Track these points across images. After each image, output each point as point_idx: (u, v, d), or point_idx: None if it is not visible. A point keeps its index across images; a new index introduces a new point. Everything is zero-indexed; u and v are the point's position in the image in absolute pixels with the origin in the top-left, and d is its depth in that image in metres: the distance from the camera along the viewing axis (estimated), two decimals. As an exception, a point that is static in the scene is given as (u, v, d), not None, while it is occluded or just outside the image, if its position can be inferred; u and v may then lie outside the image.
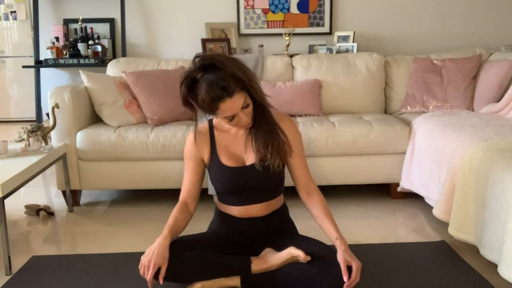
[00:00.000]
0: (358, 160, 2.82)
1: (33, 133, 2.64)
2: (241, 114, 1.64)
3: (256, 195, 1.79)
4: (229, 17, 4.26)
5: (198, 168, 1.83)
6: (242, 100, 1.61)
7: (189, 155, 1.83)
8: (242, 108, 1.63)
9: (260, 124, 1.74)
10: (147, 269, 1.58)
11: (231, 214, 1.82)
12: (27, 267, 2.10)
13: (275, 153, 1.71)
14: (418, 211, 2.74)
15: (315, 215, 1.78)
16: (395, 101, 3.35)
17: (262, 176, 1.73)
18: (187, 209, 1.79)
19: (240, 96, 1.60)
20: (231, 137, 1.80)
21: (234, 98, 1.58)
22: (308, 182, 1.83)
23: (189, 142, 1.83)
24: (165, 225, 1.69)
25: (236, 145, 1.79)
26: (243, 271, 1.69)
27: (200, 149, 1.81)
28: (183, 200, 1.81)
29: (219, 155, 1.78)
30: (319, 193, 1.82)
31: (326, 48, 3.99)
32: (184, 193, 1.82)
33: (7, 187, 2.00)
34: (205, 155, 1.81)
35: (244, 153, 1.78)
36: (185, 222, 1.76)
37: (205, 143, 1.81)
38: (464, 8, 4.25)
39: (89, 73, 2.99)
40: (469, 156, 2.08)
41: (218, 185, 1.81)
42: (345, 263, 1.57)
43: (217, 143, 1.80)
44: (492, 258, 1.85)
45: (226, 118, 1.65)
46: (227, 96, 1.57)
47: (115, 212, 2.82)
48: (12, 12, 4.59)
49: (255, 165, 1.72)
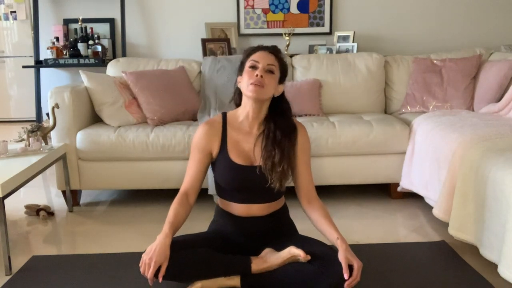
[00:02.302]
0: (358, 160, 2.82)
1: (33, 133, 2.63)
2: (261, 68, 1.71)
3: (259, 195, 1.79)
4: (229, 17, 4.26)
5: (205, 160, 1.80)
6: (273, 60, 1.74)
7: (198, 146, 1.80)
8: (267, 65, 1.72)
9: (275, 122, 1.78)
10: (147, 267, 1.58)
11: (231, 212, 1.82)
12: (27, 267, 2.10)
13: (277, 178, 1.72)
14: (418, 211, 2.74)
15: (315, 219, 1.78)
16: (395, 101, 3.35)
17: (266, 181, 1.73)
18: (187, 201, 1.77)
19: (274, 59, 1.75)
20: (242, 134, 1.79)
21: (270, 55, 1.75)
22: (311, 190, 1.84)
23: (200, 133, 1.81)
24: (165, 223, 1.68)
25: (246, 143, 1.78)
26: (243, 271, 1.69)
27: (210, 141, 1.79)
28: (184, 191, 1.79)
29: (228, 150, 1.77)
30: (319, 201, 1.83)
31: (326, 48, 3.99)
32: (187, 184, 1.80)
33: (7, 187, 2.00)
34: (214, 148, 1.79)
35: (253, 153, 1.77)
36: (185, 215, 1.74)
37: (216, 136, 1.79)
38: (464, 8, 4.25)
39: (89, 73, 2.99)
40: (469, 156, 2.08)
41: (223, 181, 1.80)
42: (346, 261, 1.57)
43: (228, 138, 1.79)
44: (492, 258, 1.85)
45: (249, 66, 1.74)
46: (268, 50, 1.76)
47: (115, 212, 2.81)
48: (12, 12, 4.59)
49: (261, 169, 1.73)
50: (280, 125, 1.78)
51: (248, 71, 1.73)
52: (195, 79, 3.33)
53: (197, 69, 3.35)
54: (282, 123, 1.79)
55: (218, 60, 3.37)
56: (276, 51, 1.78)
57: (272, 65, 1.73)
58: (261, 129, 1.80)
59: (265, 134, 1.77)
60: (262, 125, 1.80)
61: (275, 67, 1.74)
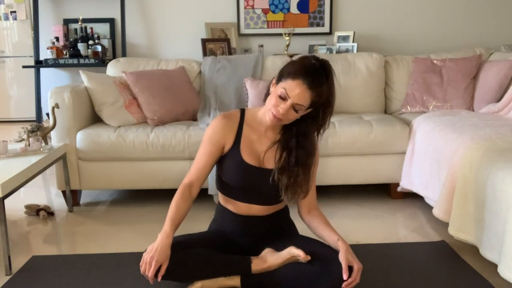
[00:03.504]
0: (358, 160, 2.82)
1: (33, 133, 2.63)
2: (287, 105, 1.60)
3: (262, 197, 1.77)
4: (229, 17, 4.26)
5: (216, 153, 1.75)
6: (305, 101, 1.59)
7: (211, 138, 1.74)
8: (296, 104, 1.59)
9: (298, 140, 1.70)
10: (148, 266, 1.57)
11: (231, 210, 1.81)
12: (27, 267, 2.10)
13: (292, 195, 1.69)
14: (418, 211, 2.74)
15: (315, 226, 1.78)
16: (395, 101, 3.35)
17: (274, 187, 1.70)
18: (190, 194, 1.73)
19: (308, 98, 1.59)
20: (257, 135, 1.75)
21: (306, 92, 1.58)
22: (312, 202, 1.83)
23: (217, 125, 1.74)
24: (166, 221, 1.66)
25: (260, 144, 1.75)
26: (243, 271, 1.69)
27: (225, 135, 1.73)
28: (189, 182, 1.74)
29: (241, 148, 1.73)
30: (319, 210, 1.83)
31: (326, 48, 3.99)
32: (192, 175, 1.75)
33: (7, 187, 2.00)
34: (228, 143, 1.74)
35: (263, 155, 1.73)
36: (187, 209, 1.71)
37: (232, 131, 1.75)
38: (464, 8, 4.25)
39: (89, 73, 2.98)
40: (469, 156, 2.08)
41: (230, 178, 1.76)
42: (346, 262, 1.57)
43: (243, 135, 1.75)
44: (492, 258, 1.85)
45: (278, 93, 1.61)
46: (307, 85, 1.57)
47: (115, 212, 2.81)
48: (12, 12, 4.59)
49: (271, 174, 1.69)
50: (302, 143, 1.71)
51: (275, 96, 1.62)
52: (195, 79, 3.33)
53: (197, 69, 3.35)
54: (305, 142, 1.71)
55: (218, 60, 3.37)
56: (319, 84, 1.59)
57: (301, 105, 1.60)
58: (278, 136, 1.74)
59: (283, 145, 1.71)
60: (280, 131, 1.75)
61: (303, 107, 1.61)
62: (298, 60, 1.68)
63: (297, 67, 1.62)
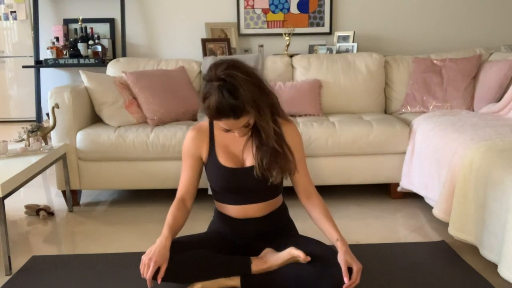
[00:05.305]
0: (358, 160, 2.82)
1: (33, 133, 2.64)
2: (239, 130, 1.66)
3: (253, 195, 1.78)
4: (229, 17, 4.26)
5: (196, 165, 1.82)
6: (245, 121, 1.62)
7: (187, 152, 1.82)
8: (242, 127, 1.64)
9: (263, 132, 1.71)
10: (147, 268, 1.58)
11: (228, 214, 1.82)
12: (27, 267, 2.10)
13: (279, 172, 1.70)
14: (418, 211, 2.74)
15: (315, 218, 1.77)
16: (395, 101, 3.35)
17: (259, 180, 1.72)
18: (185, 207, 1.78)
19: (245, 118, 1.60)
20: (231, 137, 1.78)
21: (238, 120, 1.59)
22: (308, 185, 1.83)
23: (188, 139, 1.82)
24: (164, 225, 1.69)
25: (235, 146, 1.78)
26: (243, 271, 1.69)
27: (198, 147, 1.80)
28: (180, 197, 1.80)
29: (217, 154, 1.77)
30: (318, 196, 1.82)
31: (326, 48, 3.99)
32: (182, 190, 1.81)
33: (7, 187, 2.00)
34: (203, 153, 1.80)
35: (242, 154, 1.77)
36: (183, 220, 1.76)
37: (204, 141, 1.80)
38: (464, 8, 4.25)
39: (89, 73, 2.99)
40: (469, 156, 2.08)
41: (215, 184, 1.81)
42: (346, 264, 1.57)
43: (216, 142, 1.79)
44: (492, 258, 1.85)
45: (223, 128, 1.65)
46: (233, 118, 1.57)
47: (115, 212, 2.82)
48: (12, 12, 4.58)
49: (253, 170, 1.71)
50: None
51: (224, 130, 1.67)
52: (195, 79, 3.33)
53: (197, 69, 3.35)
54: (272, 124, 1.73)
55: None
56: (237, 109, 1.54)
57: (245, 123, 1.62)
58: (250, 131, 1.76)
59: (254, 137, 1.75)
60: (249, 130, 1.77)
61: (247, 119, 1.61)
62: (208, 103, 1.57)
63: (212, 113, 1.57)
